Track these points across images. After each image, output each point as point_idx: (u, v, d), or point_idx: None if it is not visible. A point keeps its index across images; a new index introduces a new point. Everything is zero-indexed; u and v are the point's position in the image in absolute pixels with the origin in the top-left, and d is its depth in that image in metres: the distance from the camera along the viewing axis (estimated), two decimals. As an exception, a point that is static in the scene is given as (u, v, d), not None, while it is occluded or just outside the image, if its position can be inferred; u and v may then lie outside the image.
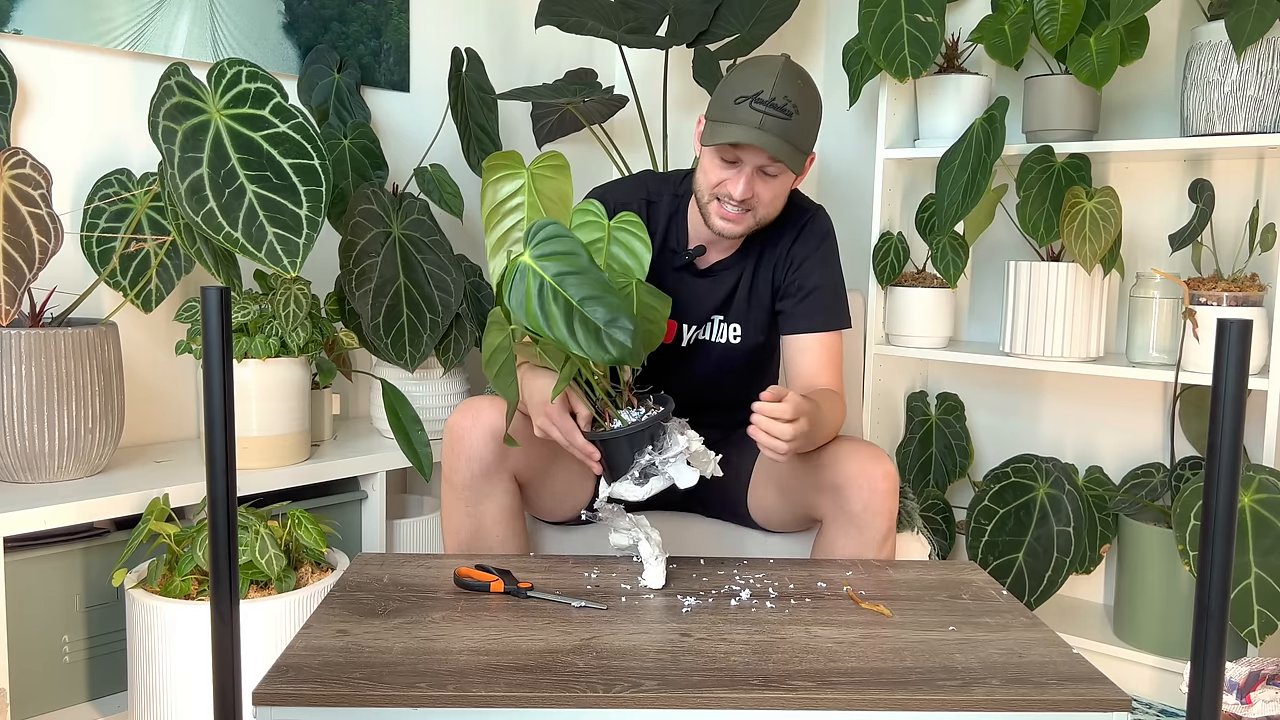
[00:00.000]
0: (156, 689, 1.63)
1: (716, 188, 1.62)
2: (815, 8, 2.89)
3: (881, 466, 1.57)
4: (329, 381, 2.19)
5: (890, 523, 1.59)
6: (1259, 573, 1.89)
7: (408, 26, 2.55)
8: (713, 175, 1.62)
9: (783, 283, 1.75)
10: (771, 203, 1.65)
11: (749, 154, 1.58)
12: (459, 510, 1.63)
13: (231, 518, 1.05)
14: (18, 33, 1.90)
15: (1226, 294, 2.11)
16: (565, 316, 1.29)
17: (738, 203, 1.61)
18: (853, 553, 1.60)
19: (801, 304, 1.73)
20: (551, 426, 1.50)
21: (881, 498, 1.57)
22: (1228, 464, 0.94)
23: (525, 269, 1.31)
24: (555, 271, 1.31)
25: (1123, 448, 2.51)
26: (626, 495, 1.44)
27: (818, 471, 1.62)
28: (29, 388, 1.72)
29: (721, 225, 1.64)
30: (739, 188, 1.59)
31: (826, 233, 1.77)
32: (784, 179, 1.63)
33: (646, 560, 1.43)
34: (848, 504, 1.58)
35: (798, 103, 1.55)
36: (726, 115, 1.56)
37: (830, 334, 1.73)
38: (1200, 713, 0.97)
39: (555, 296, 1.30)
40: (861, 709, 1.10)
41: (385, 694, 1.08)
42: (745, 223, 1.64)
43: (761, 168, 1.59)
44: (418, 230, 2.24)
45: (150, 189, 1.98)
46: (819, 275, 1.74)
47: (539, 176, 1.50)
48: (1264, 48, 2.06)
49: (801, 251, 1.74)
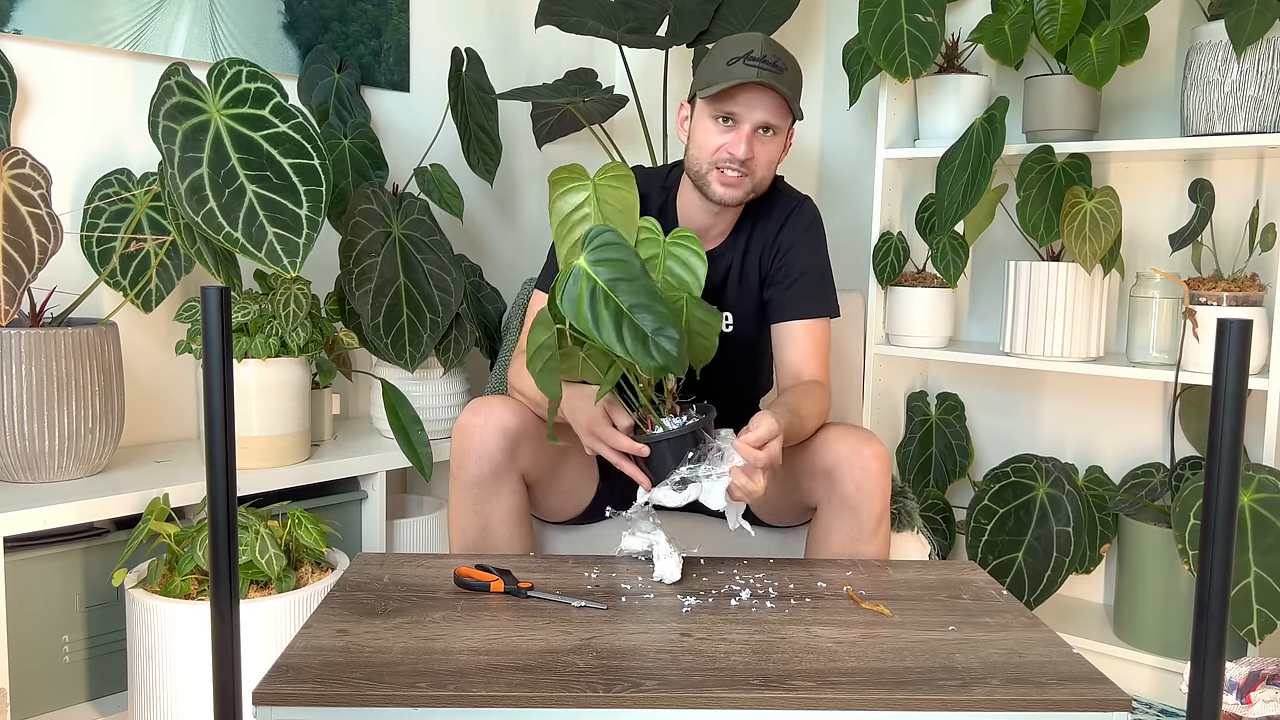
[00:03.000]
0: (156, 689, 1.63)
1: (715, 154, 1.64)
2: (815, 8, 2.89)
3: (871, 447, 1.58)
4: (329, 381, 2.19)
5: (884, 504, 1.59)
6: (1259, 572, 1.89)
7: (408, 26, 2.55)
8: (712, 141, 1.64)
9: (769, 270, 1.76)
10: (767, 166, 1.67)
11: (747, 109, 1.61)
12: (467, 509, 1.63)
13: (231, 518, 1.05)
14: (18, 33, 1.90)
15: (1226, 294, 2.11)
16: (615, 321, 1.33)
17: (739, 164, 1.62)
18: (848, 536, 1.59)
19: (788, 291, 1.74)
20: (597, 441, 1.51)
21: (874, 477, 1.56)
22: (1228, 464, 0.94)
23: (580, 272, 1.35)
24: (608, 277, 1.34)
25: (1123, 448, 2.51)
26: (665, 501, 1.44)
27: (810, 458, 1.62)
28: (29, 388, 1.72)
29: (723, 192, 1.65)
30: (741, 147, 1.61)
31: (813, 220, 1.78)
32: (777, 141, 1.66)
33: (660, 556, 1.43)
34: (840, 486, 1.58)
35: (785, 63, 1.62)
36: (721, 75, 1.60)
37: (817, 321, 1.74)
38: (1200, 713, 0.97)
39: (607, 301, 1.34)
40: (861, 709, 1.10)
41: (385, 694, 1.08)
42: (744, 187, 1.66)
43: (758, 126, 1.62)
44: (418, 230, 2.24)
45: (150, 189, 1.98)
46: (805, 262, 1.75)
47: (602, 187, 1.54)
48: (1264, 48, 2.06)
49: (788, 239, 1.75)
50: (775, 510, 1.77)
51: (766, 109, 1.61)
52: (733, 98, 1.60)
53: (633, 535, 1.46)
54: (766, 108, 1.61)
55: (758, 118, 1.61)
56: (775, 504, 1.75)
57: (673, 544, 1.44)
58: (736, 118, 1.62)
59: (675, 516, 1.85)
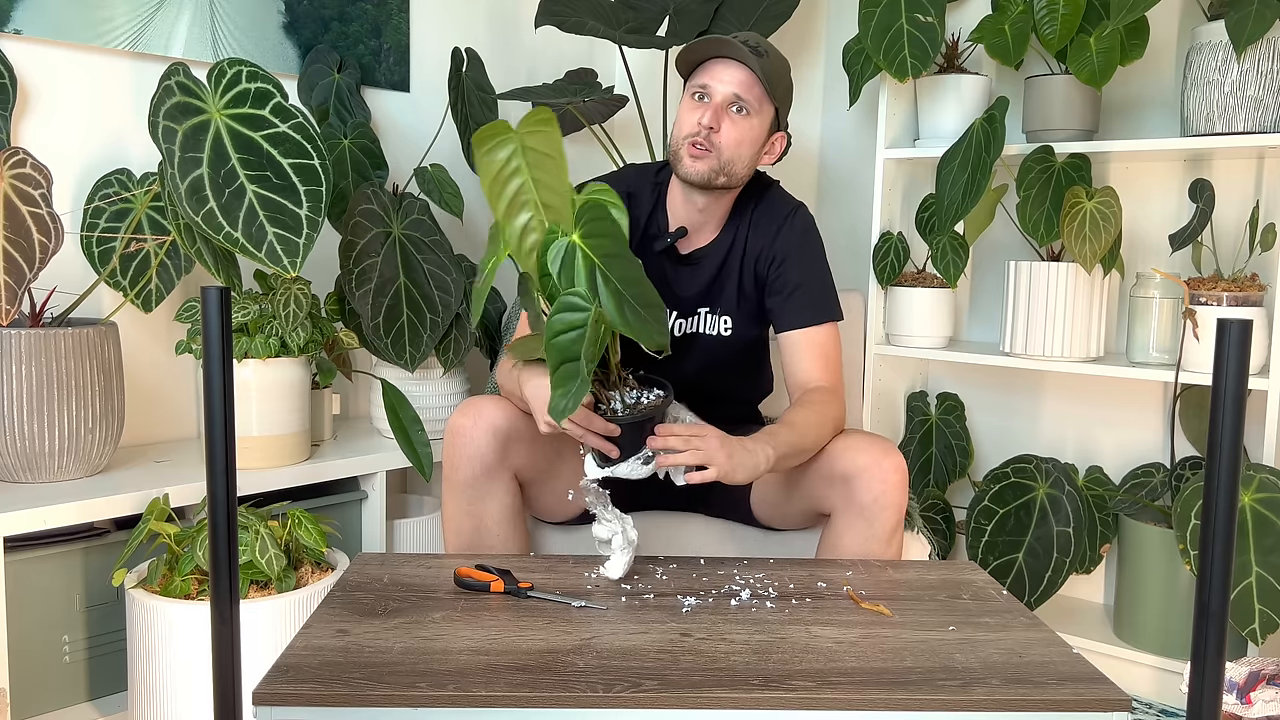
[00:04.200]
0: (156, 689, 1.63)
1: (687, 130, 1.65)
2: (815, 8, 2.89)
3: (892, 459, 1.57)
4: (329, 381, 2.19)
5: (899, 516, 1.59)
6: (1259, 572, 1.89)
7: (408, 26, 2.55)
8: (685, 119, 1.66)
9: (767, 278, 1.75)
10: (736, 146, 1.65)
11: (719, 83, 1.62)
12: (460, 510, 1.63)
13: (231, 518, 1.05)
14: (18, 33, 1.90)
15: (1226, 294, 2.11)
16: (616, 299, 1.33)
17: (704, 136, 1.62)
18: (860, 545, 1.59)
19: (789, 300, 1.73)
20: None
21: (893, 490, 1.57)
22: (1228, 464, 0.94)
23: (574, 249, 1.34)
24: (603, 254, 1.34)
25: (1123, 448, 2.51)
26: (632, 475, 1.45)
27: (827, 464, 1.61)
28: (29, 388, 1.72)
29: (689, 165, 1.65)
30: (707, 115, 1.62)
31: (808, 227, 1.77)
32: (749, 123, 1.65)
33: (615, 549, 1.42)
34: (858, 495, 1.57)
35: (766, 50, 1.63)
36: (700, 51, 1.64)
37: (821, 328, 1.73)
38: (1200, 713, 0.97)
39: (605, 280, 1.33)
40: (861, 709, 1.10)
41: (385, 694, 1.08)
42: (709, 161, 1.64)
43: (730, 103, 1.63)
44: (418, 230, 2.24)
45: (150, 189, 1.98)
46: (803, 270, 1.74)
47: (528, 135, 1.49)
48: (1264, 48, 2.06)
49: (784, 247, 1.74)
50: (783, 514, 1.76)
51: (738, 83, 1.62)
52: (706, 70, 1.63)
53: (600, 523, 1.46)
54: (738, 82, 1.62)
55: (728, 91, 1.62)
56: (784, 507, 1.75)
57: (627, 539, 1.43)
58: (709, 91, 1.63)
59: (675, 516, 1.85)
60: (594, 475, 1.46)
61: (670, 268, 1.75)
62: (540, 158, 1.42)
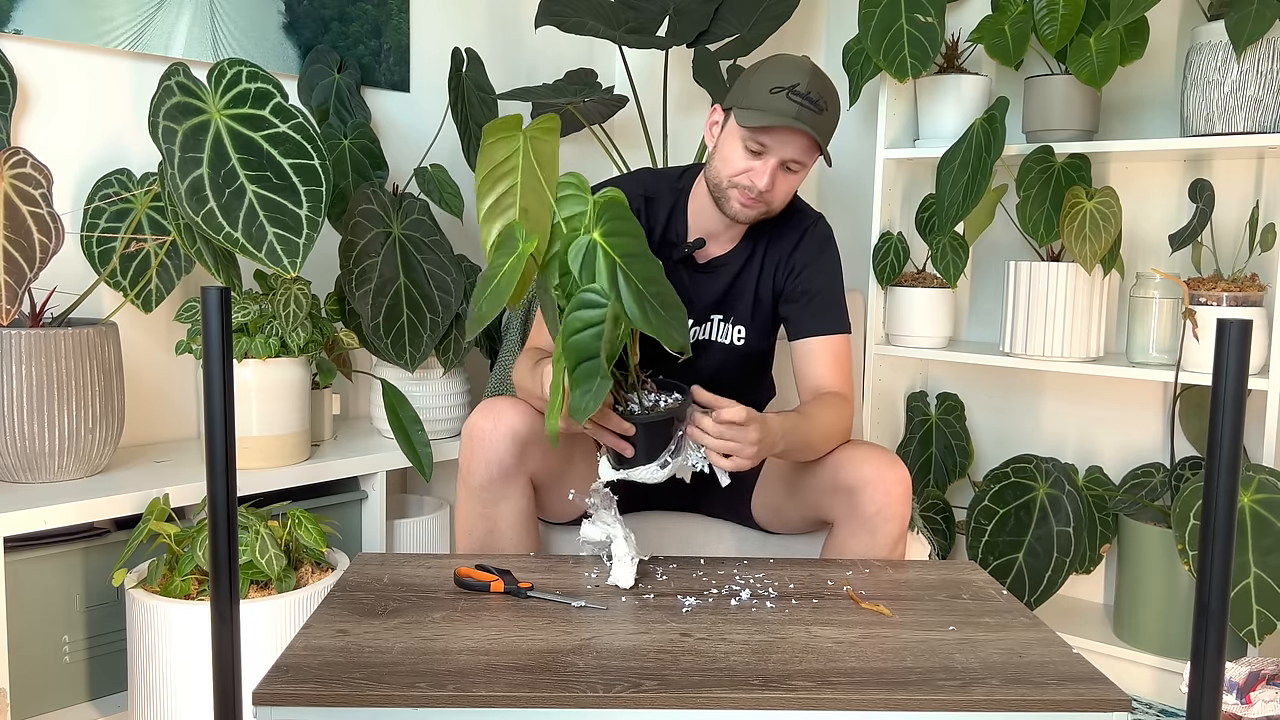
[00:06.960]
0: (156, 689, 1.63)
1: (739, 175, 1.63)
2: (815, 8, 2.89)
3: (896, 471, 1.58)
4: (329, 381, 2.19)
5: (902, 527, 1.59)
6: (1258, 572, 1.89)
7: (408, 26, 2.55)
8: (737, 164, 1.63)
9: (784, 288, 1.76)
10: (785, 196, 1.68)
11: (778, 145, 1.59)
12: (474, 512, 1.62)
13: (231, 518, 1.05)
14: (18, 33, 1.90)
15: (1226, 294, 2.11)
16: (637, 297, 1.31)
17: (757, 193, 1.62)
18: (863, 556, 1.60)
19: (806, 308, 1.74)
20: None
21: (896, 503, 1.57)
22: (1228, 464, 0.94)
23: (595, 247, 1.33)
24: (624, 253, 1.33)
25: (1123, 448, 2.51)
26: (649, 478, 1.44)
27: (831, 474, 1.62)
28: (29, 388, 1.72)
29: (739, 210, 1.65)
30: (764, 179, 1.60)
31: (828, 240, 1.78)
32: (800, 176, 1.66)
33: (619, 558, 1.42)
34: (861, 507, 1.57)
35: (827, 101, 1.59)
36: (762, 103, 1.58)
37: (836, 337, 1.74)
38: (1200, 713, 0.97)
39: (626, 279, 1.32)
40: (861, 709, 1.10)
41: (385, 694, 1.08)
42: (758, 209, 1.66)
43: (785, 162, 1.61)
44: (418, 230, 2.24)
45: (150, 189, 1.98)
46: (821, 280, 1.75)
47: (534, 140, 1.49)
48: (1264, 48, 2.06)
49: (804, 258, 1.75)
50: (783, 519, 1.77)
51: (797, 149, 1.60)
52: (768, 132, 1.58)
53: (594, 525, 1.46)
54: (798, 148, 1.60)
55: (787, 154, 1.60)
56: (784, 513, 1.75)
57: (630, 544, 1.42)
58: (768, 151, 1.60)
59: (675, 516, 1.85)
60: (608, 477, 1.46)
61: (686, 274, 1.75)
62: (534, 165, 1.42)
